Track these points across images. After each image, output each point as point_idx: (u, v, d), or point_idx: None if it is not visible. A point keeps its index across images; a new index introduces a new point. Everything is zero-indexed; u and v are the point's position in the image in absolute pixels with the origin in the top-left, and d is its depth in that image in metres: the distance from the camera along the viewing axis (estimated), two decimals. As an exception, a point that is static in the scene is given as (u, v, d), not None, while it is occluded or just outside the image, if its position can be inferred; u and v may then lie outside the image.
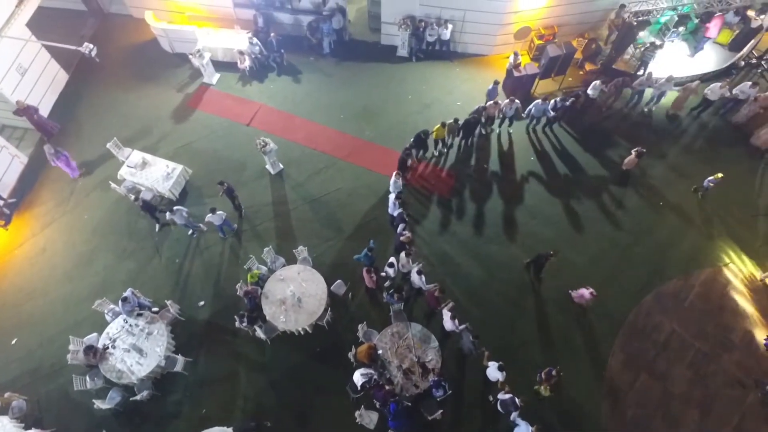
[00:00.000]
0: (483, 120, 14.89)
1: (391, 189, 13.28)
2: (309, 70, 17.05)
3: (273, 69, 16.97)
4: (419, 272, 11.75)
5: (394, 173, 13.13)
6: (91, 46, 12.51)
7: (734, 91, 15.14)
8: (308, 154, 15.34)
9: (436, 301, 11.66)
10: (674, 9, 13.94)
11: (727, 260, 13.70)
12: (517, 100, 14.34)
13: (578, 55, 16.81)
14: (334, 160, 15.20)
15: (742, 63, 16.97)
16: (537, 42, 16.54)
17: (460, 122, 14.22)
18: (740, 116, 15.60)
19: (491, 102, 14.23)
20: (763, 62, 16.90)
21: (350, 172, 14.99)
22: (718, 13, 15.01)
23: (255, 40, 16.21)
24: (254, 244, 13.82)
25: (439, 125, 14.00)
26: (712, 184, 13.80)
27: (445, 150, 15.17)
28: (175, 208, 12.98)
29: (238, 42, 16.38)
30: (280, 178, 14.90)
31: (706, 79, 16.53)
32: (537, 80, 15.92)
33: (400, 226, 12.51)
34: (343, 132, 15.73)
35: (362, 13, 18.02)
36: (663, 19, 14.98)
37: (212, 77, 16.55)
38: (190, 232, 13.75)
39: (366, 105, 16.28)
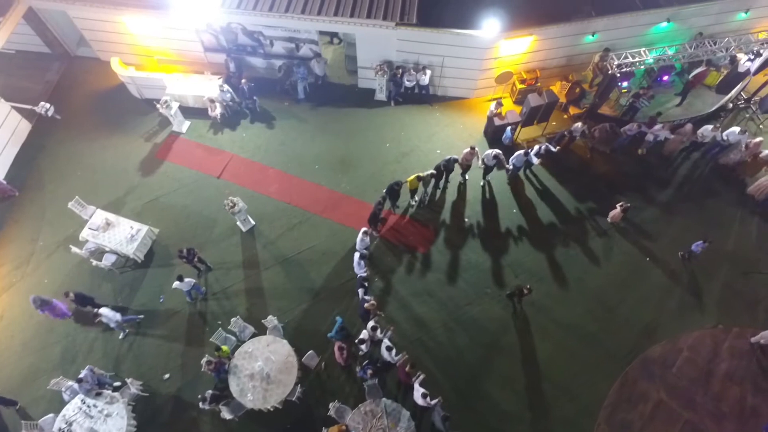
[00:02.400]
0: (461, 169, 14.32)
1: (357, 246, 12.63)
2: (283, 117, 16.42)
3: (246, 115, 16.34)
4: (388, 348, 11.12)
5: (362, 230, 12.51)
6: (48, 105, 11.89)
7: (723, 136, 14.67)
8: (282, 208, 14.71)
9: (407, 375, 11.07)
10: (658, 60, 13.41)
11: (716, 322, 13.17)
12: (498, 151, 13.78)
13: (562, 99, 16.28)
14: (308, 215, 14.58)
15: (730, 105, 16.47)
16: (519, 86, 15.99)
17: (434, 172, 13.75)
18: (729, 159, 15.13)
19: (467, 149, 13.66)
20: (751, 105, 16.41)
21: (325, 228, 14.37)
22: (702, 68, 14.65)
23: (226, 87, 15.58)
24: (224, 308, 13.22)
25: (413, 176, 13.39)
26: (701, 249, 13.23)
27: (419, 201, 14.59)
28: (101, 310, 12.02)
29: (208, 89, 15.73)
30: (251, 236, 14.27)
31: (696, 121, 16.02)
32: (519, 127, 15.35)
33: (360, 291, 11.92)
34: (318, 184, 15.12)
35: (339, 54, 17.41)
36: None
37: (182, 125, 15.90)
38: (121, 335, 12.72)
39: (342, 154, 15.67)
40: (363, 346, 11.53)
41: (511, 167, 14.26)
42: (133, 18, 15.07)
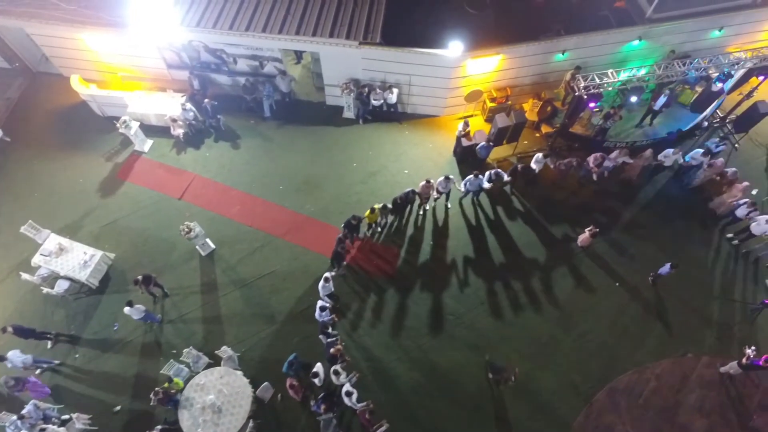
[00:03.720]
0: (419, 201, 14.00)
1: (321, 293, 12.20)
2: (248, 135, 16.03)
3: (210, 134, 15.95)
4: (348, 393, 10.71)
5: (324, 275, 12.09)
6: (-3, 129, 11.47)
7: (686, 158, 14.41)
8: (243, 231, 14.33)
9: (368, 422, 10.70)
10: (627, 82, 13.06)
11: (685, 350, 12.83)
12: (451, 176, 13.42)
13: (533, 117, 15.94)
14: (270, 238, 14.21)
15: (705, 124, 16.13)
16: (489, 104, 15.63)
17: (390, 205, 13.46)
18: (695, 180, 14.84)
19: (423, 182, 13.30)
20: (727, 123, 16.07)
21: (287, 251, 13.99)
22: (665, 96, 14.42)
23: (188, 105, 15.19)
24: (180, 336, 12.89)
25: (369, 211, 13.03)
26: (668, 273, 12.89)
27: (379, 229, 14.24)
28: (8, 354, 11.51)
29: (170, 107, 15.33)
30: (211, 260, 13.89)
31: (669, 141, 15.67)
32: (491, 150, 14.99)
33: (323, 338, 11.56)
34: (281, 206, 14.74)
35: (308, 70, 17.03)
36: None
37: (144, 144, 15.50)
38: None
39: (307, 174, 15.29)
40: (316, 380, 11.18)
41: (464, 191, 13.85)
42: (91, 36, 14.67)
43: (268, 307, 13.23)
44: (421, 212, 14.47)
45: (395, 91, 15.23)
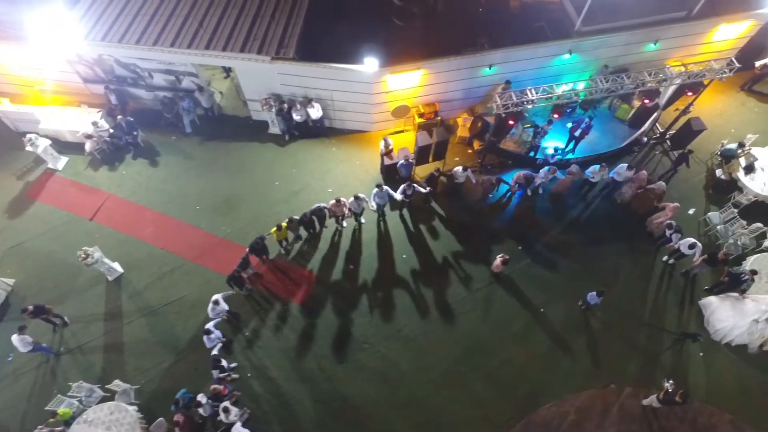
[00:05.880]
0: (335, 217, 13.45)
1: (210, 314, 11.62)
2: (168, 152, 15.42)
3: (129, 151, 15.32)
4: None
5: (213, 298, 11.50)
6: None
7: (612, 174, 13.89)
8: (155, 254, 13.72)
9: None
10: (548, 99, 12.45)
11: (608, 380, 12.24)
12: (361, 195, 12.88)
13: (465, 133, 15.37)
14: (181, 261, 13.60)
15: (645, 139, 15.55)
16: (418, 120, 15.04)
17: (297, 218, 12.90)
18: (623, 196, 14.29)
19: (333, 201, 12.72)
20: (666, 139, 15.49)
21: (198, 276, 13.39)
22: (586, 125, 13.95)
23: (101, 122, 14.56)
24: (79, 367, 12.32)
25: (275, 228, 12.44)
26: (596, 301, 12.29)
27: (290, 248, 13.70)
28: None
29: (84, 123, 14.71)
30: (117, 285, 13.30)
31: (606, 157, 15.08)
32: (413, 167, 14.40)
33: (215, 372, 10.96)
34: (196, 227, 14.13)
35: (236, 84, 16.39)
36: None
37: (57, 162, 14.89)
38: None
39: (227, 193, 14.68)
40: (201, 410, 10.60)
41: (374, 205, 13.32)
42: (-6, 49, 14.07)
43: (172, 336, 12.63)
44: (338, 229, 13.87)
45: (317, 106, 14.61)
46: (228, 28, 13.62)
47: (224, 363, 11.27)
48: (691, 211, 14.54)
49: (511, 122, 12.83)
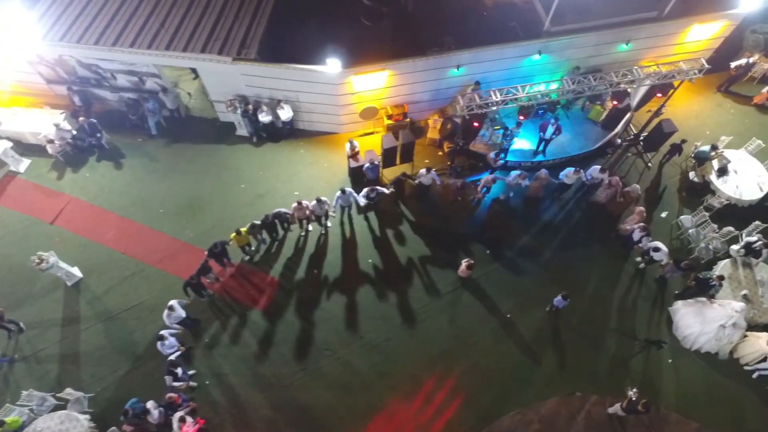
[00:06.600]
0: (299, 221, 13.20)
1: (165, 320, 11.36)
2: (133, 155, 15.14)
3: (94, 153, 15.05)
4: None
5: (169, 303, 11.26)
6: None
7: (586, 176, 13.65)
8: (115, 259, 13.45)
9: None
10: (510, 102, 12.18)
11: (574, 388, 11.98)
12: (323, 198, 12.59)
13: (435, 135, 15.13)
14: (142, 266, 13.33)
15: (619, 141, 15.30)
16: (387, 122, 14.79)
17: (258, 223, 12.66)
18: (598, 197, 14.09)
19: (295, 204, 12.47)
20: (640, 140, 15.24)
21: (159, 281, 13.12)
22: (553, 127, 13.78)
23: (63, 124, 14.29)
24: (33, 374, 12.02)
25: (234, 233, 12.19)
26: (562, 304, 12.04)
27: (255, 252, 13.41)
28: None
29: (47, 125, 14.43)
30: (76, 290, 13.01)
31: (579, 159, 14.86)
32: (381, 170, 14.16)
33: (168, 378, 10.69)
34: (159, 231, 13.86)
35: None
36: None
37: (19, 164, 14.61)
38: None
39: (192, 197, 14.41)
40: (150, 418, 10.33)
41: (335, 210, 13.10)
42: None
43: (130, 342, 12.36)
44: (303, 233, 13.61)
45: (285, 107, 14.35)
46: (190, 29, 13.37)
47: (179, 370, 10.97)
48: (663, 215, 14.32)
49: (475, 124, 12.57)
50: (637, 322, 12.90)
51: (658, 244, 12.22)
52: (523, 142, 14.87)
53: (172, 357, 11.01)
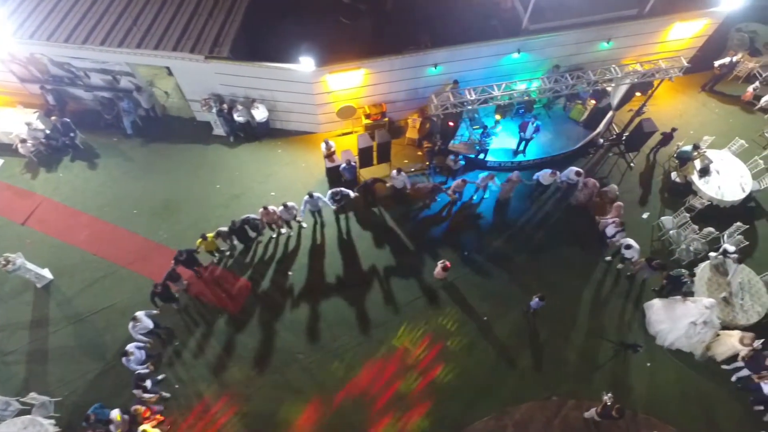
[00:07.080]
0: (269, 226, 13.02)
1: (131, 332, 11.12)
2: (109, 154, 14.94)
3: (68, 153, 14.84)
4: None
5: (135, 314, 11.05)
6: None
7: (562, 178, 13.43)
8: (87, 260, 13.25)
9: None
10: (487, 101, 11.97)
11: (550, 392, 11.77)
12: (290, 203, 12.40)
13: (414, 135, 14.93)
14: (114, 268, 13.13)
15: (601, 141, 15.10)
16: (365, 121, 14.59)
17: (225, 229, 12.44)
18: (577, 198, 13.89)
19: (261, 209, 12.27)
20: (622, 141, 15.04)
21: (131, 283, 12.91)
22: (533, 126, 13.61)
23: (36, 123, 14.08)
24: (-2, 379, 11.77)
25: (200, 239, 11.99)
26: (538, 305, 11.84)
27: (227, 254, 13.25)
28: None
29: (18, 124, 14.22)
30: (46, 292, 12.81)
31: (561, 158, 14.65)
32: (358, 170, 13.95)
33: (137, 392, 10.50)
34: (133, 232, 13.66)
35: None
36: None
37: (-8, 165, 14.41)
38: None
39: (166, 197, 14.21)
40: (112, 427, 10.12)
41: (302, 215, 12.94)
42: None
43: (100, 345, 12.16)
44: (275, 236, 13.41)
45: (260, 107, 14.15)
46: (162, 26, 13.16)
47: (148, 383, 10.72)
48: (645, 215, 14.11)
49: (451, 124, 12.37)
50: (615, 323, 12.68)
51: (630, 241, 12.03)
52: (503, 142, 14.67)
53: (140, 371, 10.77)
